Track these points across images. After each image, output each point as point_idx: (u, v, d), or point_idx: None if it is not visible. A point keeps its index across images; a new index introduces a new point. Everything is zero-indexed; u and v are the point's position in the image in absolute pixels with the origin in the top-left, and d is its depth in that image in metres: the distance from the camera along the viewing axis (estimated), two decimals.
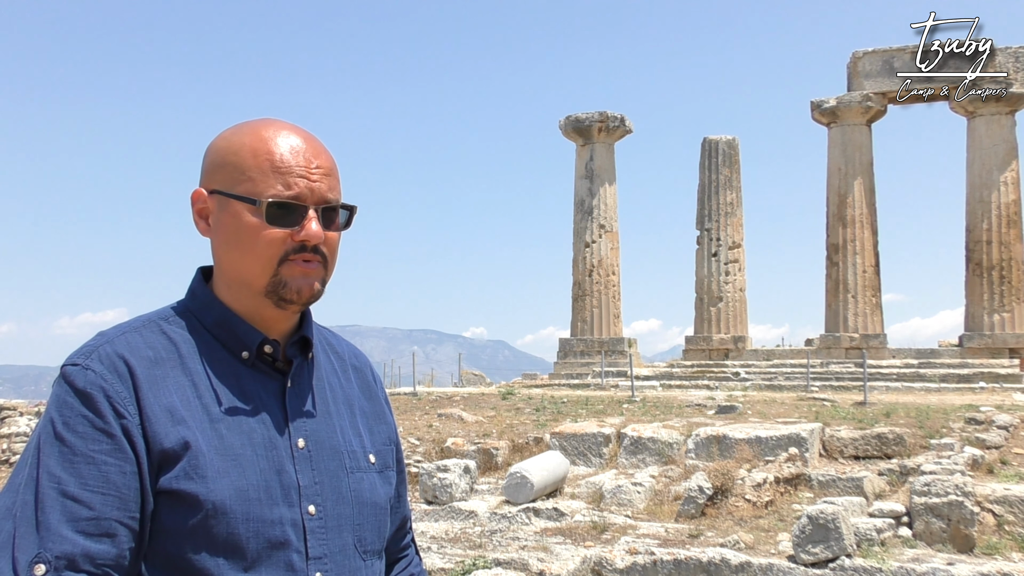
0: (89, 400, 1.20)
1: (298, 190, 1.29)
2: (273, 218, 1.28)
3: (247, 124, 1.35)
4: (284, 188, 1.28)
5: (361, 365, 1.54)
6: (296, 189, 1.29)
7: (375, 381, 1.55)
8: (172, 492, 1.20)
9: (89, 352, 1.26)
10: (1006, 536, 8.49)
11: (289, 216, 1.29)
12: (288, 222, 1.29)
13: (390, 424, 1.52)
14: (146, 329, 1.31)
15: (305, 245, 1.29)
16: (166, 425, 1.22)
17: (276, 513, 1.26)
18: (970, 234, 22.20)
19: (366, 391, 1.50)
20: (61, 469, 1.17)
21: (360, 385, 1.50)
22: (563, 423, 13.33)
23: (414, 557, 1.63)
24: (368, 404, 1.49)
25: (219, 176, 1.32)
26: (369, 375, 1.54)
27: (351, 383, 1.48)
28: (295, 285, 1.30)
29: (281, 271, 1.29)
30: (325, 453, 1.34)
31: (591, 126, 24.84)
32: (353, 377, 1.50)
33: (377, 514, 1.39)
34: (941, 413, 13.01)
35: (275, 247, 1.29)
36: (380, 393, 1.55)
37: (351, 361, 1.52)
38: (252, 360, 1.33)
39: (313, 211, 1.30)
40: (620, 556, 7.76)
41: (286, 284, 1.30)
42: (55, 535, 1.14)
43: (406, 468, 1.63)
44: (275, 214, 1.28)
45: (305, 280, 1.30)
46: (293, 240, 1.29)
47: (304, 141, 1.32)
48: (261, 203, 1.28)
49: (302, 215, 1.29)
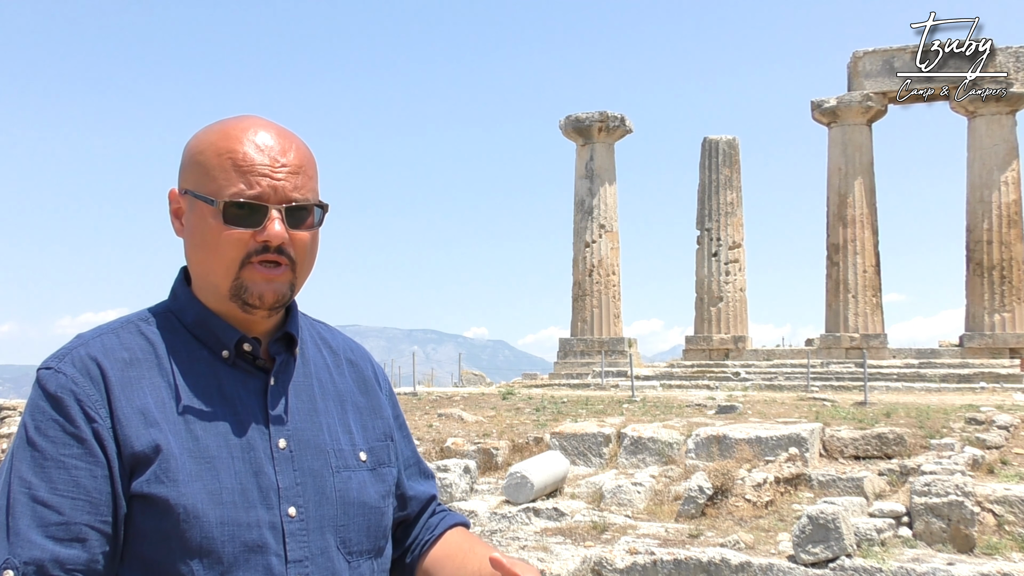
0: (60, 404, 1.19)
1: (260, 189, 1.25)
2: (232, 218, 1.25)
3: (219, 122, 1.32)
4: (246, 187, 1.24)
5: (357, 358, 1.49)
6: (258, 188, 1.25)
7: (375, 375, 1.51)
8: (144, 496, 1.19)
9: (63, 355, 1.24)
10: (1006, 536, 8.48)
11: (250, 216, 1.25)
12: (249, 223, 1.25)
13: (387, 419, 1.47)
14: (124, 330, 1.29)
15: (268, 246, 1.25)
16: (138, 428, 1.20)
17: (252, 516, 1.23)
18: (970, 234, 22.20)
19: (361, 385, 1.46)
20: (32, 474, 1.16)
21: (355, 379, 1.46)
22: (563, 423, 13.32)
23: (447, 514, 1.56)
24: (363, 399, 1.44)
25: (188, 175, 1.30)
26: (368, 369, 1.50)
27: (344, 378, 1.44)
28: (256, 290, 1.26)
29: (242, 274, 1.26)
30: (308, 452, 1.31)
31: (591, 126, 24.83)
32: (347, 371, 1.46)
33: (366, 514, 1.35)
34: (941, 413, 13.00)
35: (235, 249, 1.25)
36: (380, 387, 1.50)
37: (345, 355, 1.48)
38: (232, 359, 1.30)
39: (276, 211, 1.25)
40: (620, 556, 7.76)
41: (247, 288, 1.26)
42: (24, 540, 1.13)
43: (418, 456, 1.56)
44: (234, 214, 1.25)
45: (268, 285, 1.27)
46: (255, 241, 1.25)
47: (273, 138, 1.28)
48: (218, 203, 1.25)
49: (264, 215, 1.25)
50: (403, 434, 1.52)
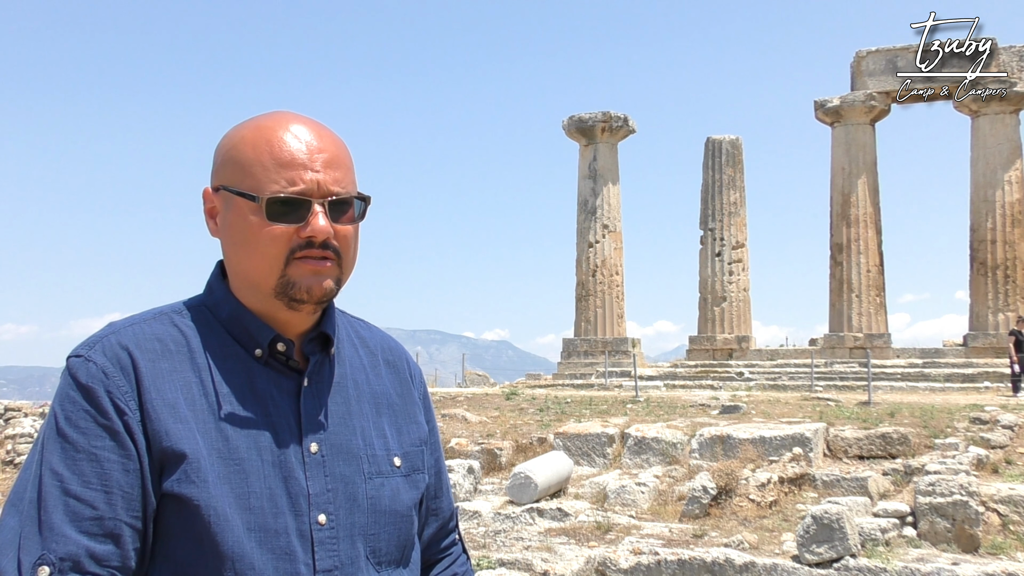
0: (91, 395, 1.16)
1: (302, 184, 1.21)
2: (275, 215, 1.21)
3: (253, 118, 1.29)
4: (287, 183, 1.21)
5: (395, 359, 1.44)
6: (300, 184, 1.21)
7: (412, 377, 1.46)
8: (175, 496, 1.16)
9: (93, 343, 1.21)
10: (1011, 536, 8.46)
11: (293, 212, 1.21)
12: (292, 218, 1.21)
13: (421, 424, 1.42)
14: (156, 321, 1.26)
15: (312, 241, 1.22)
16: (167, 423, 1.17)
17: (281, 523, 1.19)
18: (974, 233, 22.17)
19: (398, 388, 1.41)
20: (63, 466, 1.13)
21: (393, 382, 1.41)
22: (567, 423, 13.32)
23: (460, 556, 1.52)
24: (400, 402, 1.40)
25: (223, 173, 1.26)
26: (406, 370, 1.45)
27: (382, 379, 1.39)
28: (304, 284, 1.22)
29: (288, 271, 1.22)
30: (341, 458, 1.27)
31: (594, 126, 24.84)
32: (385, 373, 1.41)
33: (397, 522, 1.30)
34: (945, 413, 12.98)
35: (280, 245, 1.21)
36: (416, 390, 1.45)
37: (383, 356, 1.43)
38: (265, 358, 1.26)
39: (318, 205, 1.22)
40: (624, 556, 7.76)
41: (295, 284, 1.22)
42: (58, 536, 1.10)
43: (445, 466, 1.53)
44: (277, 211, 1.21)
45: (315, 278, 1.23)
46: (299, 237, 1.21)
47: (309, 131, 1.25)
48: (261, 199, 1.21)
49: (307, 210, 1.21)
50: (433, 439, 1.48)
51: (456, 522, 1.54)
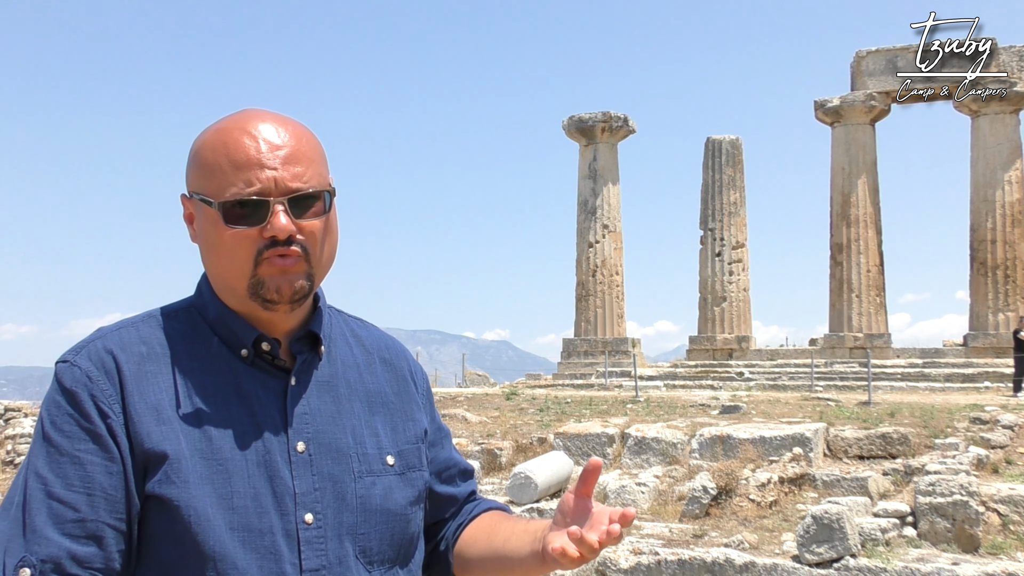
0: (75, 399, 1.17)
1: (258, 184, 1.20)
2: (234, 218, 1.20)
3: (218, 120, 1.27)
4: (244, 184, 1.20)
5: (393, 357, 1.44)
6: (256, 183, 1.20)
7: (412, 374, 1.45)
8: (157, 497, 1.16)
9: (80, 348, 1.22)
10: (1011, 536, 8.46)
11: (253, 213, 1.20)
12: (253, 220, 1.20)
13: (420, 421, 1.41)
14: (144, 324, 1.27)
15: (276, 240, 1.21)
16: (150, 425, 1.18)
17: (265, 522, 1.19)
18: (974, 233, 22.17)
19: (395, 385, 1.40)
20: (48, 470, 1.15)
21: (389, 380, 1.40)
22: (567, 423, 13.33)
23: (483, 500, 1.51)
24: (396, 400, 1.39)
25: (191, 179, 1.27)
26: (405, 368, 1.44)
27: (376, 377, 1.39)
28: (273, 284, 1.22)
29: (259, 271, 1.22)
30: (329, 456, 1.26)
31: (594, 126, 24.84)
32: (380, 371, 1.40)
33: (390, 521, 1.29)
34: (946, 413, 12.98)
35: (245, 248, 1.21)
36: (416, 387, 1.45)
37: (380, 353, 1.42)
38: (251, 358, 1.26)
39: (278, 204, 1.20)
40: (624, 556, 7.76)
41: (264, 284, 1.22)
42: (41, 538, 1.12)
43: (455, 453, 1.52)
44: (236, 213, 1.20)
45: (284, 278, 1.22)
46: (263, 237, 1.21)
47: (272, 127, 1.23)
48: (216, 204, 1.21)
49: (267, 210, 1.20)
50: (442, 434, 1.48)
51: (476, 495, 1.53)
